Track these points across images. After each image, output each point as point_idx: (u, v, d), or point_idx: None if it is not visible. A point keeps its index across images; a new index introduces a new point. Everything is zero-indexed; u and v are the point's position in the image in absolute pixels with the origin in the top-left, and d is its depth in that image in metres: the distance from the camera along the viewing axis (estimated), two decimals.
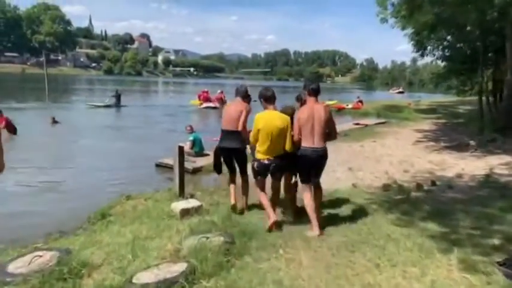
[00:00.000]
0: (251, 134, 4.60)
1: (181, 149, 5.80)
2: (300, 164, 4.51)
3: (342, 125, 18.07)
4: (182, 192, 5.85)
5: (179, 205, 4.99)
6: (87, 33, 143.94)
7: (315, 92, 4.49)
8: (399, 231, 4.19)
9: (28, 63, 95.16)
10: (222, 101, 25.95)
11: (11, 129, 12.44)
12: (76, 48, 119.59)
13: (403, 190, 6.30)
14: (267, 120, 4.45)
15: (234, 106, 5.19)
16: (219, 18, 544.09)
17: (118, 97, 22.94)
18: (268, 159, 4.48)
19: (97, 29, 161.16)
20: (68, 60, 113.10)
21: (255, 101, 4.98)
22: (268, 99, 4.65)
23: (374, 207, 5.31)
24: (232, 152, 5.21)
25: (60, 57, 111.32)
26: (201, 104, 25.49)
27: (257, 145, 4.52)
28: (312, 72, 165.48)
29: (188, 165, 8.14)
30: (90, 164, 9.15)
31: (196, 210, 4.95)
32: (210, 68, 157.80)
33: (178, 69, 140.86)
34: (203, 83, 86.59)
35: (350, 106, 27.13)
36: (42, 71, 25.19)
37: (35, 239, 4.80)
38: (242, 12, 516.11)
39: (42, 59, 27.88)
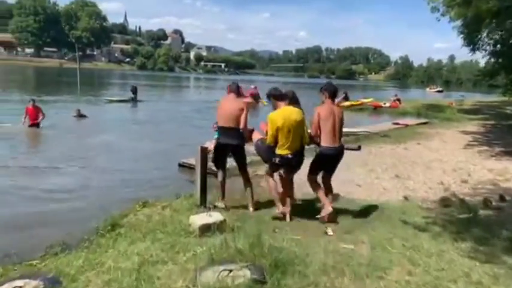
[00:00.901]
0: (269, 134, 4.62)
1: (204, 151, 4.98)
2: (319, 161, 4.85)
3: (380, 124, 16.93)
4: (204, 200, 5.03)
5: (199, 219, 4.17)
6: (122, 29, 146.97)
7: (333, 94, 4.86)
8: (481, 270, 3.20)
9: (65, 58, 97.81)
10: (255, 97, 25.30)
11: (34, 120, 12.25)
12: (111, 43, 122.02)
13: (467, 207, 5.23)
14: (285, 116, 4.53)
15: (232, 103, 5.12)
16: (251, 15, 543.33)
17: (134, 92, 22.39)
18: (290, 154, 4.60)
19: (132, 25, 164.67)
20: (103, 55, 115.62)
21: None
22: (279, 97, 4.75)
23: (436, 229, 4.31)
24: (233, 149, 5.14)
25: (95, 53, 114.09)
26: None
27: (278, 141, 4.58)
28: (344, 70, 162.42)
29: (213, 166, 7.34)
30: (108, 163, 8.52)
31: (219, 226, 4.11)
32: (241, 64, 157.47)
33: (209, 64, 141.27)
34: (233, 79, 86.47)
35: (387, 105, 25.71)
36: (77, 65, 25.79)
37: (33, 252, 4.13)
38: (274, 9, 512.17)
39: (78, 53, 28.15)
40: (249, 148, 5.50)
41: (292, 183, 5.14)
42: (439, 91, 66.20)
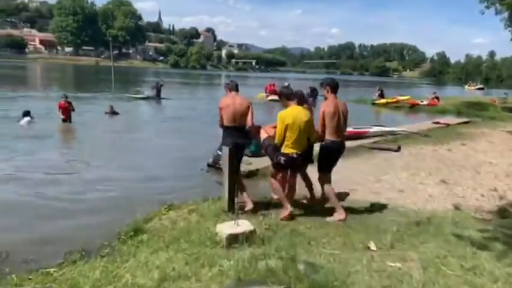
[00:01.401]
0: (277, 133, 4.61)
1: (232, 152, 4.60)
2: (325, 156, 4.87)
3: (419, 123, 16.04)
4: (232, 206, 4.65)
5: (226, 228, 3.79)
6: (156, 27, 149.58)
7: (335, 88, 4.83)
8: None
9: (102, 56, 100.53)
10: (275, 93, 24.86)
11: (66, 115, 12.48)
12: (146, 42, 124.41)
13: None
14: (294, 115, 4.56)
15: (237, 101, 4.97)
16: (283, 12, 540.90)
17: (158, 89, 22.08)
18: (296, 153, 4.59)
19: (166, 24, 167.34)
20: (138, 53, 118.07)
21: (322, 95, 4.97)
22: (289, 96, 4.78)
23: (498, 246, 3.74)
24: (242, 147, 5.06)
25: (131, 51, 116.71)
26: (267, 96, 24.70)
27: (285, 140, 4.57)
28: (377, 66, 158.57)
29: (242, 167, 6.97)
30: (136, 161, 8.34)
31: (248, 237, 3.72)
32: (271, 61, 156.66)
33: (240, 61, 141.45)
34: (264, 76, 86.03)
35: (425, 102, 24.52)
36: (114, 63, 26.33)
37: (52, 258, 3.90)
38: (306, 6, 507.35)
39: (112, 52, 28.66)
40: None
41: (295, 184, 5.32)
42: (479, 88, 63.18)
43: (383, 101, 25.32)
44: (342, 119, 4.76)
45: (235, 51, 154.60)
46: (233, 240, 3.67)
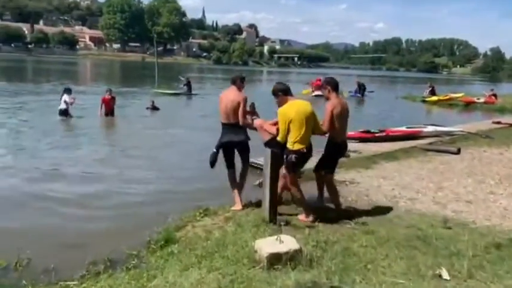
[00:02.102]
0: (281, 130, 4.36)
1: (275, 155, 4.02)
2: (332, 155, 4.83)
3: (476, 123, 14.75)
4: (274, 217, 4.09)
5: (267, 245, 3.23)
6: (200, 24, 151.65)
7: (336, 87, 4.73)
8: None
9: (148, 53, 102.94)
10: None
11: (109, 109, 12.56)
12: (189, 38, 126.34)
13: None
14: (296, 109, 4.37)
15: (229, 96, 4.78)
16: (327, 7, 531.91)
17: (189, 85, 21.75)
18: (305, 148, 4.37)
19: (209, 21, 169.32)
20: (182, 50, 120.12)
21: (372, 91, 3.77)
22: (286, 91, 4.58)
23: None
24: (237, 145, 4.89)
25: (175, 47, 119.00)
26: (313, 91, 24.04)
27: (289, 137, 4.33)
28: (425, 62, 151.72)
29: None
30: (173, 159, 8.01)
31: (292, 257, 3.14)
32: (314, 57, 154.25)
33: (282, 58, 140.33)
34: (307, 72, 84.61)
35: (481, 100, 22.70)
36: (158, 59, 26.70)
37: (74, 269, 3.53)
38: (351, 1, 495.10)
39: (158, 48, 29.02)
40: None
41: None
42: None
43: (434, 98, 23.79)
44: (347, 118, 4.75)
45: (278, 47, 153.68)
46: (275, 260, 3.11)
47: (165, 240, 3.94)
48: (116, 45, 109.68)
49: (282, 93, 4.55)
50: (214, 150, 4.85)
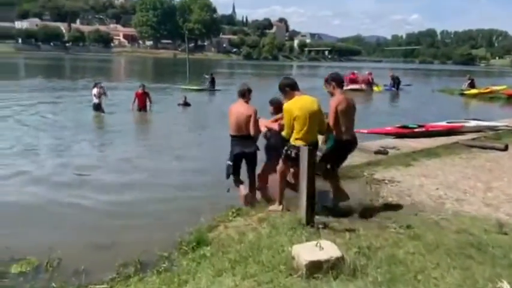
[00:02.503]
0: (286, 125, 4.38)
1: (311, 153, 3.75)
2: (338, 153, 4.77)
3: None
4: (311, 218, 3.83)
5: (306, 252, 2.98)
6: (230, 20, 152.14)
7: (341, 83, 4.70)
8: None
9: (179, 49, 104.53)
10: (370, 83, 23.41)
11: (142, 104, 12.72)
12: (220, 34, 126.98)
13: None
14: (300, 105, 4.33)
15: (239, 109, 4.89)
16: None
17: (212, 81, 21.56)
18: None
19: (239, 16, 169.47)
20: (213, 46, 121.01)
21: (409, 85, 3.50)
22: (293, 86, 4.51)
23: None
24: (248, 156, 4.95)
25: (206, 43, 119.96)
26: (347, 85, 23.52)
27: (293, 133, 4.32)
28: (462, 54, 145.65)
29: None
30: (204, 157, 7.85)
31: (334, 265, 2.89)
32: (345, 50, 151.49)
33: (312, 52, 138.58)
34: (337, 66, 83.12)
35: None
36: (189, 56, 26.93)
37: (105, 271, 3.44)
38: None
39: (189, 45, 29.26)
40: None
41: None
42: None
43: (474, 91, 22.65)
44: (353, 115, 4.67)
45: (308, 40, 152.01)
46: (315, 268, 2.86)
47: (197, 242, 3.77)
48: (149, 42, 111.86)
49: (289, 88, 4.49)
50: (229, 163, 4.93)
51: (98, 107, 12.06)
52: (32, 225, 4.35)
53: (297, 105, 4.32)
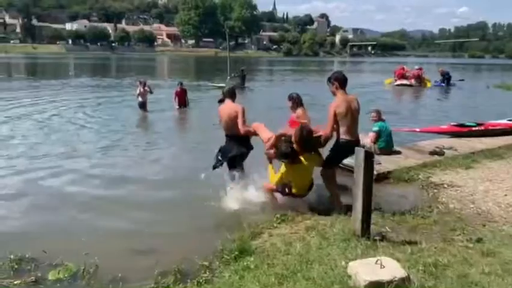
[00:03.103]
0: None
1: (368, 156, 3.34)
2: (340, 154, 4.60)
3: None
4: (367, 229, 3.43)
5: (364, 270, 2.61)
6: (270, 17, 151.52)
7: (344, 83, 4.50)
8: None
9: (220, 48, 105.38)
10: (420, 79, 22.29)
11: (182, 101, 12.95)
12: (260, 31, 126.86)
13: None
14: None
15: (226, 110, 5.06)
16: None
17: (243, 77, 20.03)
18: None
19: (280, 13, 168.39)
20: (253, 43, 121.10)
21: (462, 80, 3.13)
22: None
23: None
24: (239, 155, 5.03)
25: (246, 41, 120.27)
26: (395, 80, 22.66)
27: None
28: None
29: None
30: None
31: (398, 286, 2.49)
32: (389, 46, 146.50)
33: (355, 46, 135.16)
34: (381, 61, 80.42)
35: None
36: (231, 54, 26.96)
37: (142, 279, 3.24)
38: None
39: (230, 43, 29.23)
40: None
41: None
42: None
43: None
44: (355, 116, 4.46)
45: (350, 36, 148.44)
46: None
47: (240, 251, 3.48)
48: (191, 41, 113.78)
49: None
50: (220, 158, 5.07)
51: (142, 106, 12.20)
52: (69, 229, 4.23)
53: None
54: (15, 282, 3.09)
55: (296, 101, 5.15)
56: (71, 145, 8.01)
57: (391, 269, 2.61)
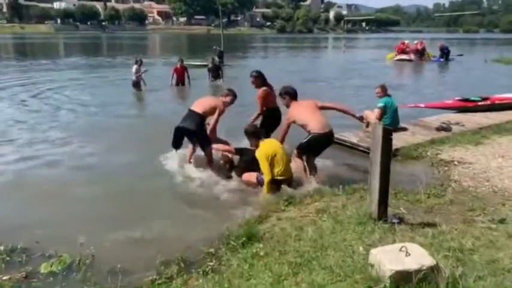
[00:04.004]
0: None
1: (387, 133, 3.06)
2: (311, 146, 4.69)
3: None
4: (384, 212, 3.18)
5: (387, 258, 2.37)
6: None
7: (295, 96, 4.91)
8: None
9: (212, 25, 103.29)
10: (420, 53, 22.01)
11: (181, 79, 12.67)
12: (253, 8, 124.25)
13: None
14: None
15: (207, 98, 5.49)
16: None
17: (220, 56, 18.25)
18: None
19: None
20: (246, 20, 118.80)
21: (461, 55, 2.96)
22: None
23: None
24: (187, 133, 5.11)
25: (239, 18, 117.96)
26: (396, 55, 22.48)
27: None
28: (510, 22, 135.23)
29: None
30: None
31: (427, 278, 2.26)
32: (383, 21, 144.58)
33: (349, 22, 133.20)
34: (376, 37, 79.41)
35: None
36: (224, 31, 26.27)
37: (143, 270, 2.99)
38: None
39: (222, 20, 28.53)
40: None
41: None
42: None
43: None
44: (318, 111, 4.74)
45: (344, 12, 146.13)
46: (402, 280, 2.26)
47: (247, 236, 3.24)
48: (182, 19, 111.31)
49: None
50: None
51: (135, 85, 11.86)
52: (62, 218, 3.92)
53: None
54: (4, 278, 2.82)
55: (257, 80, 5.44)
56: (62, 130, 7.60)
57: (417, 256, 2.38)
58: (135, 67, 11.85)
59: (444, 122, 7.08)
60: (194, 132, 4.99)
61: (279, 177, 4.34)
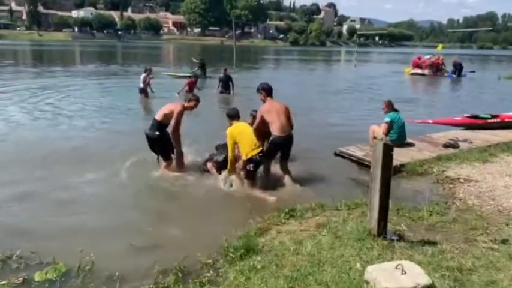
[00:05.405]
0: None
1: (388, 149, 3.06)
2: (273, 147, 5.18)
3: None
4: (384, 228, 3.16)
5: (383, 276, 2.36)
6: (277, 5, 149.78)
7: (271, 93, 5.25)
8: None
9: (226, 36, 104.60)
10: (437, 68, 22.08)
11: (191, 90, 12.86)
12: (267, 20, 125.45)
13: None
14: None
15: (168, 105, 5.57)
16: None
17: (203, 67, 18.39)
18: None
19: (286, 2, 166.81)
20: (259, 32, 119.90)
21: (473, 71, 2.93)
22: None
23: None
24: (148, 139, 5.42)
25: (252, 30, 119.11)
26: (411, 69, 22.90)
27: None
28: None
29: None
30: None
31: None
32: (397, 36, 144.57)
33: (362, 36, 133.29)
34: (389, 52, 79.29)
35: None
36: (236, 42, 26.66)
37: (141, 278, 3.02)
38: None
39: (235, 32, 28.87)
40: None
41: None
42: None
43: None
44: (283, 115, 5.07)
45: (357, 26, 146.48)
46: None
47: (245, 249, 3.24)
48: (197, 30, 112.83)
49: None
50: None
51: (143, 91, 12.40)
52: (62, 224, 3.95)
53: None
54: (2, 283, 2.86)
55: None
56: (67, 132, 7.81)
57: (413, 274, 2.36)
58: (143, 75, 12.47)
59: (452, 139, 7.02)
60: (152, 139, 5.34)
61: (250, 155, 4.75)
